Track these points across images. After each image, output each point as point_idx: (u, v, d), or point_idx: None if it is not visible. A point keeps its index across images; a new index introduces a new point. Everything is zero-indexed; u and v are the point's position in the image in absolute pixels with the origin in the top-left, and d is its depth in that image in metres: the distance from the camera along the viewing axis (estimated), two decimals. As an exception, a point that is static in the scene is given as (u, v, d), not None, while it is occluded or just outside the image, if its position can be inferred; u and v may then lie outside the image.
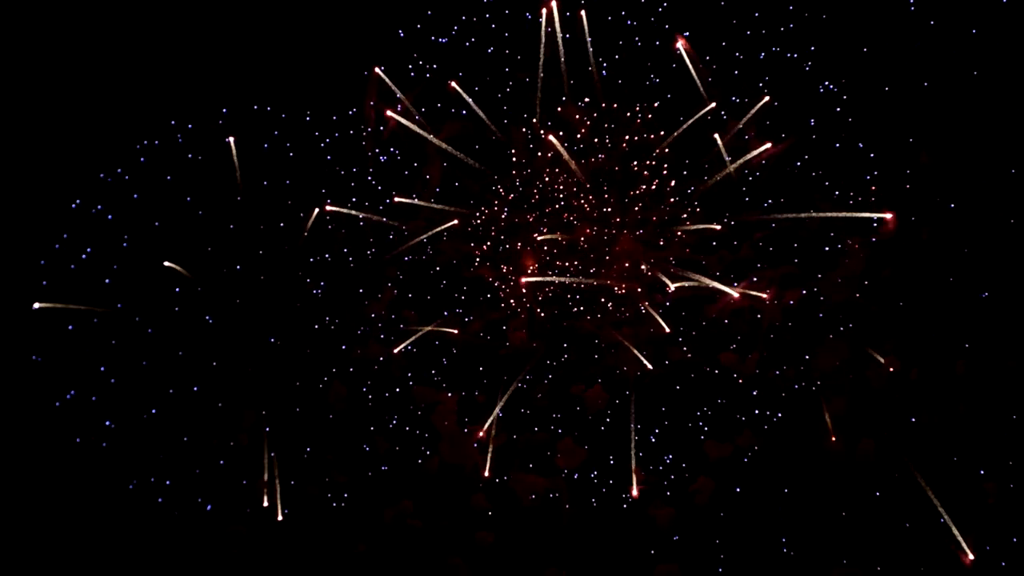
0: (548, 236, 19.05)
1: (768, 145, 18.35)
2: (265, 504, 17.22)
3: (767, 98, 18.52)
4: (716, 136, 18.62)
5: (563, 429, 18.15)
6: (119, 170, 17.76)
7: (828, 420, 17.25)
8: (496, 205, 19.32)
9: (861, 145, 18.36)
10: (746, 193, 18.89)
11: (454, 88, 18.91)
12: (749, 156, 18.56)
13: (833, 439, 17.13)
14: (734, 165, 18.62)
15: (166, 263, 17.57)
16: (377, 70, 18.61)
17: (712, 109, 18.80)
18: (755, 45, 19.10)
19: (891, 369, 17.40)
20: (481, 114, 19.07)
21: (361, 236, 19.02)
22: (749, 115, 18.67)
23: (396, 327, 18.66)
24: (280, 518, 17.16)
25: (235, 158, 18.30)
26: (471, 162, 19.16)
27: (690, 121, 18.94)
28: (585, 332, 18.78)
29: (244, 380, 17.98)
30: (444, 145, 18.89)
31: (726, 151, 18.59)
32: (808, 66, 18.89)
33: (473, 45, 19.33)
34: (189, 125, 18.30)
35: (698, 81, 18.52)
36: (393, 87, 18.75)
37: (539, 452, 18.01)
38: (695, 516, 17.14)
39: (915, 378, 17.41)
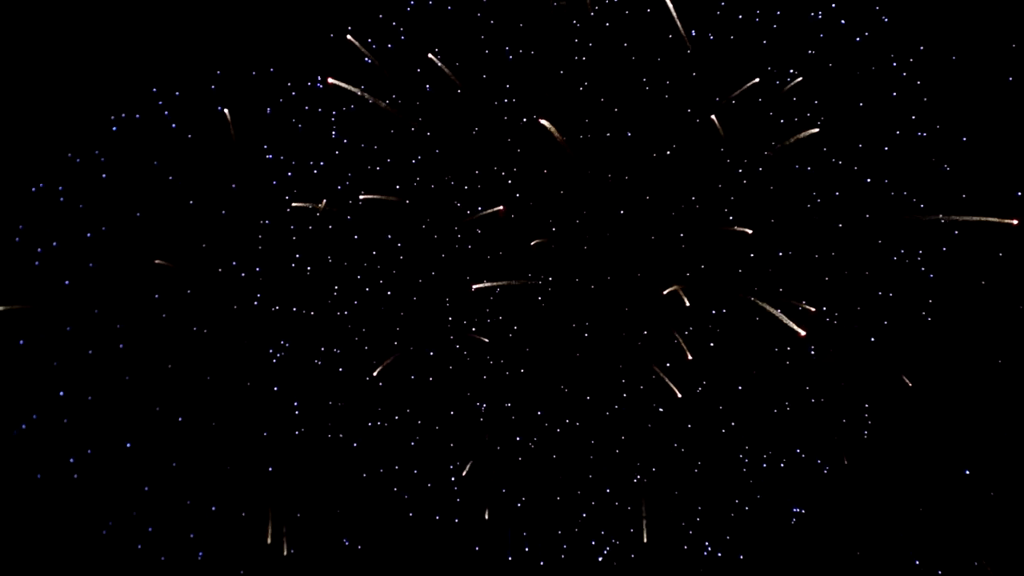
0: (540, 241, 16.53)
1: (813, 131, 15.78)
2: (268, 540, 15.05)
3: (800, 78, 15.76)
4: (713, 118, 15.86)
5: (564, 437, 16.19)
6: (96, 151, 14.80)
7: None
8: (484, 202, 16.65)
9: (923, 133, 16.04)
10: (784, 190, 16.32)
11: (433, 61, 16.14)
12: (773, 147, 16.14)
13: (845, 462, 15.30)
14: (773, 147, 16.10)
15: (156, 261, 14.80)
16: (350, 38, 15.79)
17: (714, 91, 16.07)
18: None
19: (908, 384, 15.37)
20: (463, 89, 16.31)
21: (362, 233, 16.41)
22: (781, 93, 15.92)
23: (404, 335, 16.26)
24: (286, 554, 15.12)
25: (232, 133, 15.47)
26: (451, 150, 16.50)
27: (731, 98, 16.19)
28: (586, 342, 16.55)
29: (241, 397, 15.46)
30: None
31: (739, 142, 16.10)
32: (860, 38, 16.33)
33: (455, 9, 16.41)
34: (176, 92, 15.34)
35: (681, 30, 15.71)
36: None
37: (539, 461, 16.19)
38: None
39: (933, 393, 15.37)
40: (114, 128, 15.04)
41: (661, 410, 15.60)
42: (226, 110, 15.25)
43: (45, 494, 14.08)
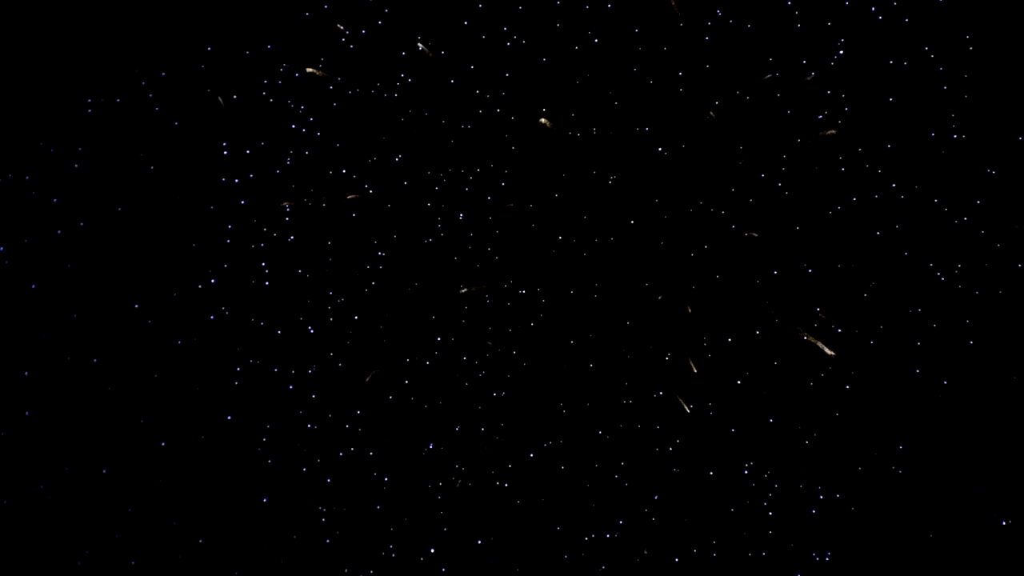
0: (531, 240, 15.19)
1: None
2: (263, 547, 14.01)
3: (812, 74, 14.68)
4: (711, 114, 14.49)
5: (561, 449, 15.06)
6: (70, 138, 13.19)
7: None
8: (474, 204, 15.31)
9: (962, 136, 14.88)
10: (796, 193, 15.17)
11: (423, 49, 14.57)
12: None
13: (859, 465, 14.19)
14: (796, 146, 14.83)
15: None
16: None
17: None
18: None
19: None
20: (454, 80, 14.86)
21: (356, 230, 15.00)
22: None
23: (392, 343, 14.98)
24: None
25: (224, 121, 13.88)
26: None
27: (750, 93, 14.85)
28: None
29: (232, 410, 14.18)
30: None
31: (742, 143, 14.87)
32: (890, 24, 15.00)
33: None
34: (162, 73, 13.71)
35: (676, 6, 14.29)
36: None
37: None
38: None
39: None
40: (90, 111, 13.50)
41: (677, 442, 14.61)
42: (220, 97, 13.71)
43: (14, 519, 12.89)
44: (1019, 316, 14.38)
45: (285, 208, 14.00)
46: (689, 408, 14.45)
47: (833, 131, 14.47)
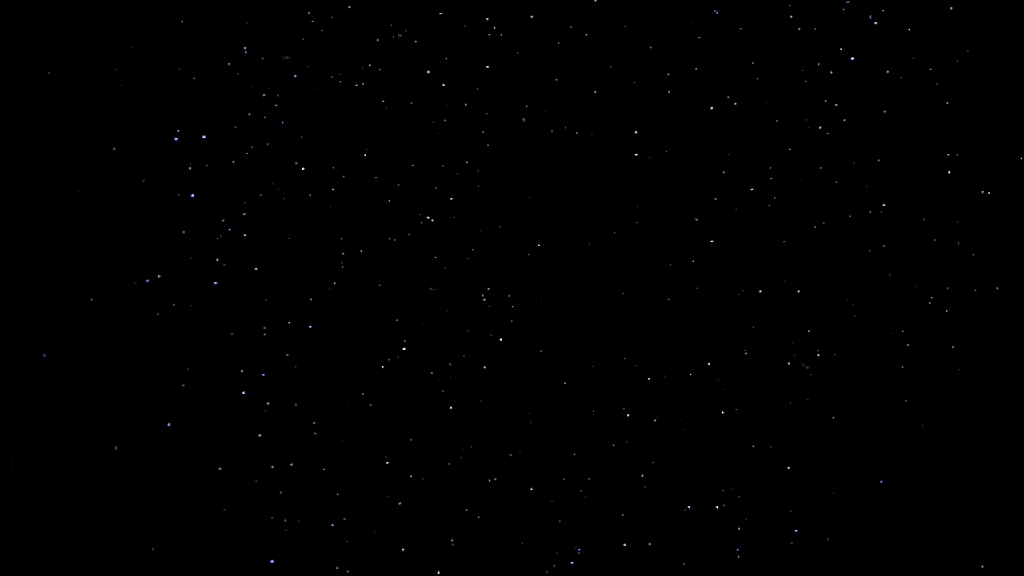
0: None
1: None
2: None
3: (805, 81, 14.01)
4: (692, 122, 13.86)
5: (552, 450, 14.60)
6: (25, 117, 12.42)
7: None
8: (456, 206, 14.55)
9: (956, 154, 14.46)
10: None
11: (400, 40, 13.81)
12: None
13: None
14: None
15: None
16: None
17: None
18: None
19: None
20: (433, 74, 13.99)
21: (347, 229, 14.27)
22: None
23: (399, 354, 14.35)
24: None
25: (190, 107, 13.19)
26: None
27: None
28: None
29: (180, 418, 13.71)
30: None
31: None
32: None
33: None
34: (130, 46, 12.96)
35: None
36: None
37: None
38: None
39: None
40: (49, 83, 12.76)
41: (652, 462, 14.25)
42: (194, 76, 13.03)
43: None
44: (1015, 342, 14.16)
45: (245, 203, 13.43)
46: (656, 419, 14.11)
47: (827, 136, 14.09)
